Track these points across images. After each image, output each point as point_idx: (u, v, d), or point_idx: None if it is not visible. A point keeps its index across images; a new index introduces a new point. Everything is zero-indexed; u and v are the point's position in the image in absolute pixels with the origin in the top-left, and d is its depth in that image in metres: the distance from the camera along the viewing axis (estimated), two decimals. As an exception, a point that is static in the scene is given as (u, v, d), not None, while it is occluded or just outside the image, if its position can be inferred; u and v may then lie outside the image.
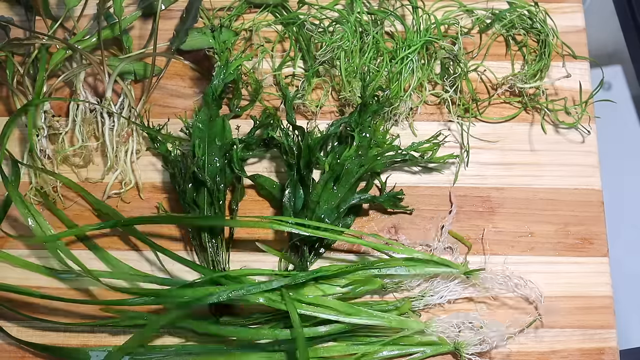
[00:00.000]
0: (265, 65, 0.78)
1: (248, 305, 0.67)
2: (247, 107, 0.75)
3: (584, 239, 0.71)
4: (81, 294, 0.70)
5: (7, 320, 0.69)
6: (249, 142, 0.72)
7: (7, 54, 0.75)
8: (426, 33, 0.75)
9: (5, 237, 0.73)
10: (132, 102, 0.75)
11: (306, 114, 0.75)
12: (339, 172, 0.68)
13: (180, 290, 0.65)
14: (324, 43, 0.75)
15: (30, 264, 0.71)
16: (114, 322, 0.68)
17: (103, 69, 0.74)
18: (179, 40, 0.77)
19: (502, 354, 0.66)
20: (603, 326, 0.68)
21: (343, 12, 0.76)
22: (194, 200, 0.70)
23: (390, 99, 0.72)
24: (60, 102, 0.77)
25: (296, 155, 0.69)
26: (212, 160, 0.70)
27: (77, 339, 0.69)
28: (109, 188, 0.73)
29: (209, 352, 0.66)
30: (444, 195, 0.73)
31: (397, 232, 0.71)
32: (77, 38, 0.77)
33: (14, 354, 0.69)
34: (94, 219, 0.72)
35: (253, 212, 0.72)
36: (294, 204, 0.69)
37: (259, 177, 0.72)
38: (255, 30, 0.77)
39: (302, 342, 0.61)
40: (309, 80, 0.75)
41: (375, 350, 0.65)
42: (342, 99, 0.75)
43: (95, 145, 0.75)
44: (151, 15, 0.80)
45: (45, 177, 0.72)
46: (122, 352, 0.64)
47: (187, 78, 0.78)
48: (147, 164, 0.75)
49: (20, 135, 0.76)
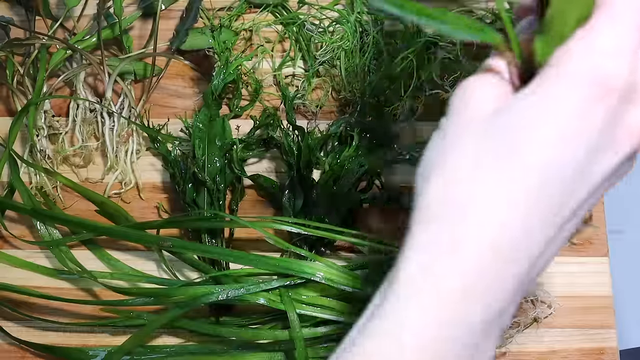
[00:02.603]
0: (265, 65, 0.78)
1: (248, 305, 0.67)
2: (247, 107, 0.75)
3: (584, 239, 0.71)
4: (81, 294, 0.70)
5: (7, 320, 0.69)
6: (249, 142, 0.72)
7: (7, 54, 0.75)
8: (426, 33, 0.75)
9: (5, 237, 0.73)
10: (132, 102, 0.75)
11: (306, 114, 0.75)
12: (339, 172, 0.68)
13: (180, 290, 0.65)
14: (324, 43, 0.75)
15: (30, 264, 0.71)
16: (114, 322, 0.68)
17: (103, 69, 0.74)
18: (179, 40, 0.77)
19: (501, 354, 0.66)
20: (603, 326, 0.67)
21: (343, 12, 0.76)
22: (194, 200, 0.70)
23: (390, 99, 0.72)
24: (60, 102, 0.77)
25: (296, 155, 0.69)
26: (212, 160, 0.70)
27: (77, 339, 0.69)
28: (109, 188, 0.73)
29: (209, 352, 0.66)
30: (444, 195, 0.73)
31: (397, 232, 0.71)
32: (77, 38, 0.77)
33: (14, 354, 0.69)
34: (94, 218, 0.72)
35: (253, 212, 0.72)
36: (294, 204, 0.69)
37: (259, 177, 0.72)
38: (255, 30, 0.77)
39: (301, 342, 0.61)
40: (309, 80, 0.75)
41: (375, 350, 0.65)
42: (342, 99, 0.75)
43: (95, 145, 0.75)
44: (151, 15, 0.80)
45: (45, 177, 0.72)
46: (122, 352, 0.64)
47: (187, 78, 0.78)
48: (147, 164, 0.75)
49: (20, 135, 0.76)
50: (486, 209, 0.34)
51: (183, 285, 0.66)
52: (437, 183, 0.36)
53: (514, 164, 0.34)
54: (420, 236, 0.36)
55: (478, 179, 0.34)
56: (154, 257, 0.71)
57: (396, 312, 0.36)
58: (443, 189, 0.36)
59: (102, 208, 0.72)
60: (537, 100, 0.34)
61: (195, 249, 0.66)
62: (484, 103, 0.37)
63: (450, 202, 0.35)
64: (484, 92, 0.37)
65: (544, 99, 0.34)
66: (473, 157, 0.35)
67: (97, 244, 0.72)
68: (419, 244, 0.36)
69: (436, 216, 0.36)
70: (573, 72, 0.34)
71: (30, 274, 0.71)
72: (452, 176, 0.35)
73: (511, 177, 0.34)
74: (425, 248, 0.35)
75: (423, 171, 0.37)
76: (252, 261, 0.64)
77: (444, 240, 0.35)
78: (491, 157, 0.34)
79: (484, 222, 0.34)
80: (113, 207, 0.71)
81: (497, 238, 0.34)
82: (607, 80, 0.33)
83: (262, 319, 0.67)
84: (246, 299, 0.63)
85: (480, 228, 0.34)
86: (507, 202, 0.34)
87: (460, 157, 0.36)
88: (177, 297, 0.65)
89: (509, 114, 0.35)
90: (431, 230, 0.35)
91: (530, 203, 0.34)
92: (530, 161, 0.34)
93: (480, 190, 0.34)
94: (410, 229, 0.36)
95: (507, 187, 0.34)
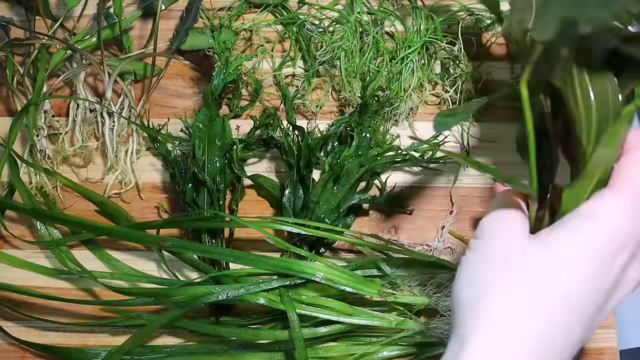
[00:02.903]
0: (265, 65, 0.78)
1: (248, 305, 0.67)
2: (247, 107, 0.75)
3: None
4: (81, 294, 0.70)
5: (7, 320, 0.70)
6: (249, 142, 0.72)
7: (7, 54, 0.75)
8: (426, 33, 0.75)
9: (5, 237, 0.73)
10: (132, 102, 0.75)
11: (306, 114, 0.75)
12: (339, 172, 0.68)
13: (180, 290, 0.65)
14: (324, 43, 0.75)
15: (30, 264, 0.71)
16: (114, 322, 0.68)
17: (103, 69, 0.74)
18: (179, 40, 0.77)
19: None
20: (603, 326, 0.67)
21: (343, 12, 0.76)
22: (194, 200, 0.70)
23: (390, 99, 0.72)
24: (61, 102, 0.77)
25: (296, 155, 0.69)
26: (212, 160, 0.70)
27: (77, 339, 0.69)
28: (109, 188, 0.73)
29: (209, 352, 0.66)
30: (444, 195, 0.73)
31: (397, 232, 0.72)
32: (77, 38, 0.77)
33: (14, 354, 0.69)
34: (94, 218, 0.72)
35: (253, 212, 0.72)
36: (294, 204, 0.69)
37: (259, 177, 0.72)
38: (255, 30, 0.77)
39: (300, 342, 0.61)
40: (309, 80, 0.75)
41: (375, 350, 0.65)
42: (342, 99, 0.75)
43: (95, 145, 0.75)
44: (151, 15, 0.80)
45: (45, 177, 0.72)
46: (121, 352, 0.64)
47: (187, 78, 0.78)
48: (147, 164, 0.75)
49: (20, 135, 0.76)
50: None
51: (183, 285, 0.66)
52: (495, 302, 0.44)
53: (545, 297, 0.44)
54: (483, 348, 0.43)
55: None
56: (154, 257, 0.71)
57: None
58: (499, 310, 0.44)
59: (102, 208, 0.72)
60: (569, 244, 0.44)
61: (195, 249, 0.66)
62: (516, 234, 0.46)
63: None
64: (515, 224, 0.47)
65: (574, 245, 0.44)
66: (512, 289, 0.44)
67: (97, 244, 0.72)
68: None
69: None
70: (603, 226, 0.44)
71: (30, 274, 0.71)
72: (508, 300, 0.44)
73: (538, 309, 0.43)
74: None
75: (468, 291, 0.46)
76: (252, 261, 0.64)
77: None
78: (526, 290, 0.43)
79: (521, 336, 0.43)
80: (113, 207, 0.71)
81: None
82: (625, 237, 0.44)
83: (262, 319, 0.67)
84: (246, 299, 0.63)
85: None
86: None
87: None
88: (177, 297, 0.65)
89: (546, 252, 0.44)
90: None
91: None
92: (557, 297, 0.43)
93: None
94: (465, 335, 0.44)
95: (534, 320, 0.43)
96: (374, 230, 0.71)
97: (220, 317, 0.67)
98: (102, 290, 0.69)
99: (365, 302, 0.66)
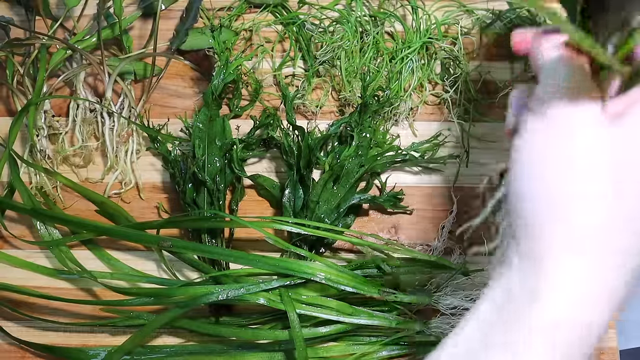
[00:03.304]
0: (265, 65, 0.78)
1: (248, 305, 0.67)
2: (247, 107, 0.75)
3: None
4: (81, 294, 0.70)
5: (7, 320, 0.70)
6: (249, 142, 0.72)
7: (7, 54, 0.75)
8: (426, 33, 0.75)
9: (5, 237, 0.73)
10: (132, 102, 0.75)
11: (306, 114, 0.75)
12: (339, 172, 0.68)
13: (180, 290, 0.65)
14: (324, 43, 0.75)
15: (30, 264, 0.71)
16: (114, 322, 0.68)
17: (103, 69, 0.74)
18: (179, 40, 0.77)
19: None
20: (603, 326, 0.67)
21: (343, 12, 0.76)
22: (194, 200, 0.70)
23: (390, 99, 0.72)
24: (61, 102, 0.77)
25: (296, 155, 0.69)
26: (212, 160, 0.70)
27: (77, 339, 0.69)
28: (109, 188, 0.73)
29: (209, 352, 0.66)
30: (444, 195, 0.73)
31: (397, 232, 0.72)
32: (77, 38, 0.77)
33: (14, 354, 0.69)
34: (94, 218, 0.72)
35: (253, 212, 0.72)
36: (294, 204, 0.69)
37: (259, 177, 0.72)
38: (255, 30, 0.77)
39: (300, 342, 0.61)
40: (309, 80, 0.75)
41: (375, 350, 0.65)
42: (342, 99, 0.75)
43: (95, 145, 0.75)
44: (151, 15, 0.80)
45: (45, 177, 0.72)
46: (121, 352, 0.64)
47: (187, 78, 0.78)
48: (147, 164, 0.75)
49: (20, 135, 0.76)
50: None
51: (183, 285, 0.66)
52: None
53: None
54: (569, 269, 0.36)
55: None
56: (154, 257, 0.71)
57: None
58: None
59: (102, 208, 0.72)
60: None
61: (195, 249, 0.66)
62: (588, 109, 0.37)
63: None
64: (584, 97, 0.37)
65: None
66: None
67: (97, 244, 0.72)
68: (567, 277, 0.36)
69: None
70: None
71: (30, 274, 0.71)
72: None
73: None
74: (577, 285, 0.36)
75: (534, 187, 0.37)
76: (252, 261, 0.64)
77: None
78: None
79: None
80: (113, 207, 0.71)
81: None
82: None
83: (262, 319, 0.67)
84: (246, 299, 0.63)
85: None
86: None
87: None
88: (177, 297, 0.65)
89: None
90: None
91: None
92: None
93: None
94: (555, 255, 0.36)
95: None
96: (374, 230, 0.71)
97: (220, 317, 0.67)
98: (102, 290, 0.69)
99: (365, 302, 0.66)
